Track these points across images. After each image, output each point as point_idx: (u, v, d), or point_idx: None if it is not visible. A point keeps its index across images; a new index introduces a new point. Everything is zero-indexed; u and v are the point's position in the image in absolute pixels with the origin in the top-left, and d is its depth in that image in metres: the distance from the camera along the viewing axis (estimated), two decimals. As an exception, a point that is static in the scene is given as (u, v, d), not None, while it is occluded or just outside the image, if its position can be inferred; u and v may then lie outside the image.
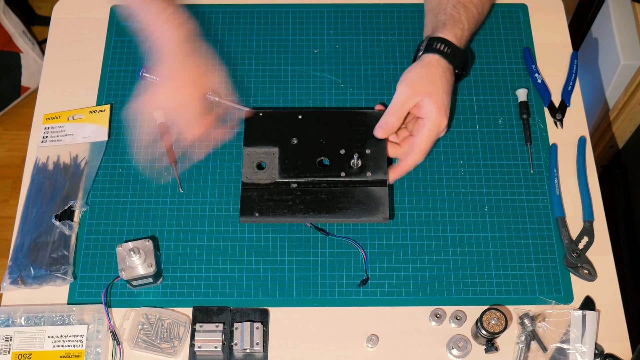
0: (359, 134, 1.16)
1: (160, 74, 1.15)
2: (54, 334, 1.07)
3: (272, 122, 1.18)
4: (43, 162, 1.21)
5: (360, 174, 1.13)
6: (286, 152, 1.15)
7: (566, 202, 1.18)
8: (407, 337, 1.09)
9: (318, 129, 1.17)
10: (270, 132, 1.17)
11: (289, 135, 1.17)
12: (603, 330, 1.09)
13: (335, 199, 1.12)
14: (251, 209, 1.11)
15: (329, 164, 1.15)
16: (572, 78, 1.29)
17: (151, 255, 1.09)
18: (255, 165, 1.15)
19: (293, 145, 1.16)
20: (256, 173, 1.14)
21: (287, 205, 1.12)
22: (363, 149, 1.15)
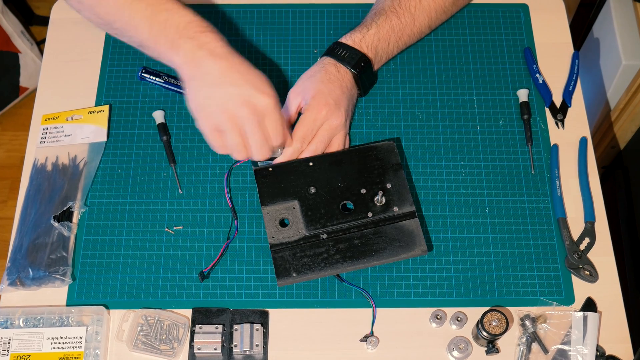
0: (374, 169, 1.14)
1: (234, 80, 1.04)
2: (53, 336, 1.07)
3: (284, 175, 1.14)
4: (42, 162, 1.21)
5: (387, 210, 1.11)
6: (307, 203, 1.12)
7: (567, 203, 1.18)
8: (408, 338, 1.09)
9: (333, 173, 1.14)
10: (285, 185, 1.13)
11: (305, 185, 1.13)
12: (604, 332, 1.09)
13: (369, 242, 1.10)
14: (287, 270, 1.08)
15: (353, 207, 1.12)
16: (573, 78, 1.29)
17: None
18: (279, 223, 1.11)
19: (311, 194, 1.13)
20: (281, 231, 1.10)
21: (322, 258, 1.09)
22: (383, 183, 1.13)
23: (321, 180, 1.14)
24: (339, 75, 1.18)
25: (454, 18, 1.35)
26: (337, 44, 1.20)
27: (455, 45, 1.33)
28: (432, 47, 1.32)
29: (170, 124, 1.24)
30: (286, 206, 1.12)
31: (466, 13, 1.35)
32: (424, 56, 1.31)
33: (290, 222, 1.11)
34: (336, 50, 1.19)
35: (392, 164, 1.15)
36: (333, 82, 1.16)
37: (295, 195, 1.13)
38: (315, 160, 1.15)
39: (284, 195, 1.13)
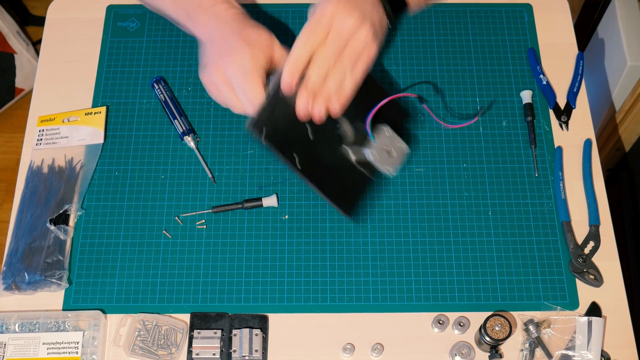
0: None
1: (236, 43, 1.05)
2: (49, 341, 1.07)
3: None
4: (37, 165, 1.21)
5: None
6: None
7: (572, 206, 1.19)
8: (409, 344, 1.09)
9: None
10: None
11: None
12: (609, 337, 1.09)
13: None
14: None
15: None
16: (577, 79, 1.29)
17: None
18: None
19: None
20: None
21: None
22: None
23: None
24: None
25: (456, 18, 1.35)
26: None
27: (458, 45, 1.33)
28: (434, 48, 1.33)
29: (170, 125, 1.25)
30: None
31: (469, 13, 1.36)
32: (425, 57, 1.32)
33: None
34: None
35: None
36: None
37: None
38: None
39: None
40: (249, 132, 1.06)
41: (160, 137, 1.24)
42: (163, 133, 1.25)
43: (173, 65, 1.31)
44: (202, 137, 1.24)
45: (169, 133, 1.25)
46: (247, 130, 1.01)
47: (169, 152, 1.23)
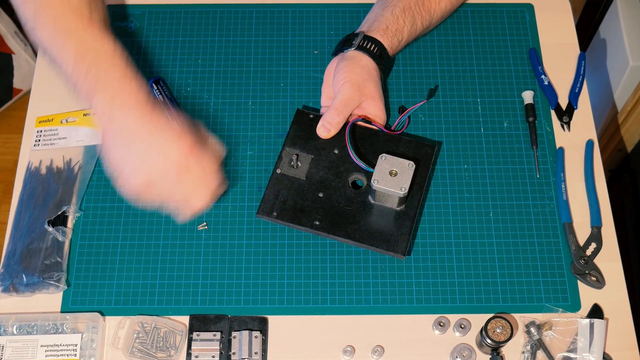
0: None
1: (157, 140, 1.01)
2: (47, 343, 1.07)
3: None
4: (36, 166, 1.21)
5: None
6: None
7: (573, 208, 1.19)
8: (410, 346, 1.09)
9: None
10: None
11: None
12: (611, 339, 1.09)
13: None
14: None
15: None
16: (579, 80, 1.29)
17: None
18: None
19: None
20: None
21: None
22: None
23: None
24: (381, 75, 1.22)
25: (457, 18, 1.35)
26: (376, 41, 1.21)
27: (459, 46, 1.33)
28: (435, 48, 1.33)
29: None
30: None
31: (470, 13, 1.36)
32: (426, 57, 1.32)
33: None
34: (372, 47, 1.20)
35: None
36: (380, 86, 1.22)
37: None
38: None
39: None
40: (260, 219, 1.15)
41: (159, 138, 1.24)
42: (162, 134, 1.25)
43: (172, 66, 1.31)
44: (201, 138, 1.24)
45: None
46: (258, 217, 1.14)
47: (168, 153, 1.23)
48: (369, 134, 1.19)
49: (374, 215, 1.13)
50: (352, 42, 1.21)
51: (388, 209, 1.13)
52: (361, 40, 1.20)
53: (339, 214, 1.13)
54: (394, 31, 1.22)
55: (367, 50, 1.20)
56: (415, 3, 1.24)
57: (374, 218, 1.13)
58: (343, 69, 1.19)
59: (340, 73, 1.18)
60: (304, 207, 1.14)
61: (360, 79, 1.17)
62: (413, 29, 1.25)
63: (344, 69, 1.18)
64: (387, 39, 1.21)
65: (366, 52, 1.19)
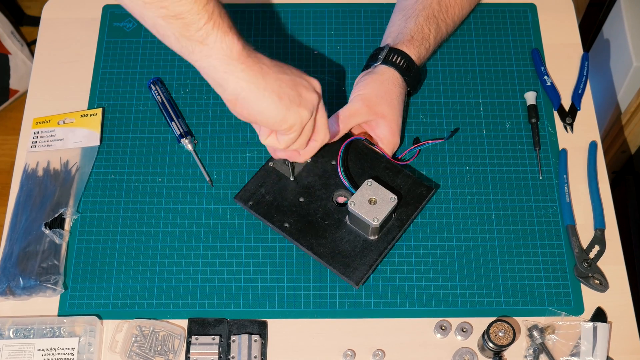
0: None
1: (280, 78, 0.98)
2: (44, 347, 1.07)
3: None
4: (32, 168, 1.22)
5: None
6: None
7: (576, 210, 1.19)
8: (411, 350, 1.09)
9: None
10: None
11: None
12: (615, 343, 1.09)
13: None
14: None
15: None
16: (582, 80, 1.29)
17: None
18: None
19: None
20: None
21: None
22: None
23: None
24: (403, 91, 1.21)
25: (459, 18, 1.35)
26: (400, 52, 1.19)
27: (461, 46, 1.33)
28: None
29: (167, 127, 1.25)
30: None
31: (472, 13, 1.36)
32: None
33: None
34: (397, 59, 1.19)
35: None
36: (400, 103, 1.20)
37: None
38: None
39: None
40: (236, 203, 1.16)
41: (157, 139, 1.25)
42: (160, 135, 1.25)
43: (170, 67, 1.31)
44: (199, 139, 1.24)
45: (166, 135, 1.25)
46: (234, 201, 1.16)
47: (166, 155, 1.23)
48: (373, 156, 1.18)
49: (344, 236, 1.13)
50: (378, 57, 1.20)
51: (360, 235, 1.13)
52: (387, 53, 1.19)
53: (311, 224, 1.13)
54: (420, 40, 1.22)
55: (393, 63, 1.18)
56: (438, 11, 1.24)
57: (343, 239, 1.12)
58: (361, 82, 1.18)
59: (358, 86, 1.18)
60: (281, 206, 1.14)
61: (374, 96, 1.16)
62: (439, 36, 1.25)
63: (362, 82, 1.18)
64: (414, 49, 1.20)
65: (392, 66, 1.18)
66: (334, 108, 1.26)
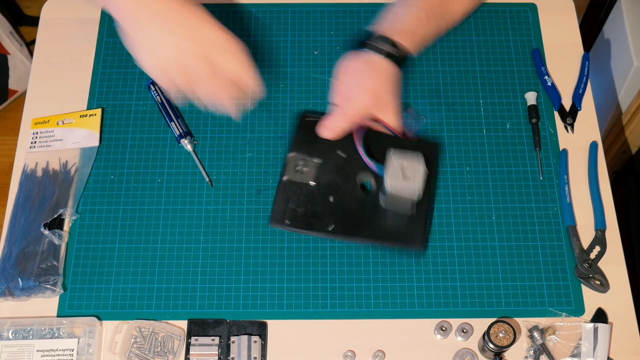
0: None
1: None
2: (43, 348, 1.07)
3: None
4: (31, 168, 1.22)
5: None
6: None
7: (577, 210, 1.19)
8: (411, 351, 1.09)
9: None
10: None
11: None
12: (615, 344, 1.09)
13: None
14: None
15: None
16: (583, 80, 1.29)
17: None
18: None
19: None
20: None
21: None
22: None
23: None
24: (399, 80, 1.21)
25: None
26: (399, 45, 1.19)
27: (461, 46, 1.33)
28: (437, 48, 1.33)
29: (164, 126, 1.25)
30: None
31: (472, 13, 1.36)
32: (427, 57, 1.32)
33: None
34: (395, 50, 1.19)
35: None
36: (398, 93, 1.21)
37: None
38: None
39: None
40: (272, 228, 1.15)
41: (156, 139, 1.25)
42: (159, 136, 1.25)
43: (170, 67, 1.31)
44: (199, 140, 1.24)
45: (166, 136, 1.25)
46: (271, 227, 1.15)
47: (165, 155, 1.23)
48: (373, 135, 1.18)
49: (387, 214, 1.13)
50: (374, 44, 1.19)
51: (401, 207, 1.13)
52: (382, 42, 1.19)
53: (352, 216, 1.13)
54: (418, 34, 1.21)
55: (394, 56, 1.18)
56: (438, 4, 1.24)
57: (388, 217, 1.13)
58: (363, 73, 1.17)
59: (360, 78, 1.17)
60: (316, 212, 1.13)
61: (380, 89, 1.16)
62: (436, 29, 1.25)
63: (363, 74, 1.17)
64: (411, 41, 1.20)
65: (387, 56, 1.18)
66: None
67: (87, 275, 1.14)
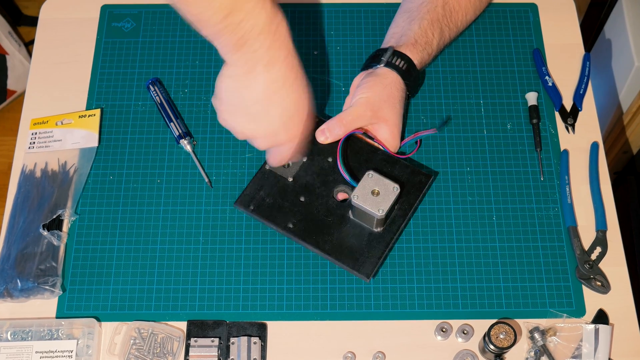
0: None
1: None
2: (42, 349, 1.07)
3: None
4: (30, 169, 1.22)
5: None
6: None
7: (578, 211, 1.19)
8: (412, 352, 1.09)
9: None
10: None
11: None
12: (617, 345, 1.09)
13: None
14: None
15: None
16: (584, 81, 1.29)
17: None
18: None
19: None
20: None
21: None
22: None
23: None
24: (404, 95, 1.21)
25: (460, 18, 1.35)
26: (403, 56, 1.19)
27: (461, 46, 1.33)
28: (437, 49, 1.33)
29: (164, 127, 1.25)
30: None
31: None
32: (428, 58, 1.32)
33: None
34: (400, 62, 1.19)
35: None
36: (401, 107, 1.20)
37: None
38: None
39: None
40: (236, 209, 1.16)
41: (155, 140, 1.25)
42: (159, 136, 1.25)
43: (169, 67, 1.31)
44: (198, 140, 1.24)
45: (165, 136, 1.25)
46: (234, 207, 1.16)
47: (164, 156, 1.23)
48: (368, 150, 1.18)
49: (349, 231, 1.12)
50: (381, 58, 1.19)
51: (365, 228, 1.12)
52: (390, 56, 1.19)
53: (315, 221, 1.13)
54: (423, 45, 1.22)
55: (395, 66, 1.18)
56: (442, 15, 1.24)
57: (349, 234, 1.12)
58: (365, 84, 1.17)
59: (361, 89, 1.17)
60: (282, 207, 1.14)
61: (378, 100, 1.16)
62: (442, 41, 1.25)
63: (366, 85, 1.17)
64: (417, 54, 1.20)
65: (394, 69, 1.18)
66: (333, 109, 1.27)
67: (86, 276, 1.14)
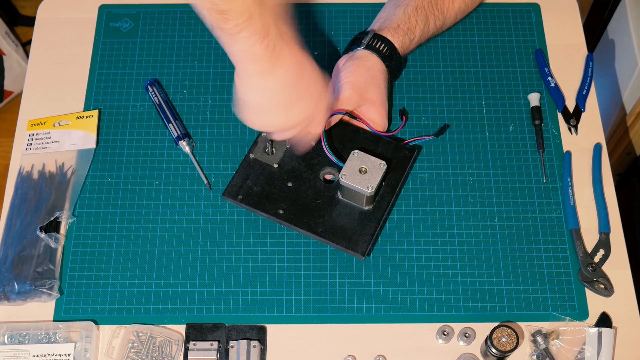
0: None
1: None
2: (39, 353, 1.07)
3: None
4: (27, 170, 1.22)
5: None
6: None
7: (581, 213, 1.19)
8: (413, 355, 1.09)
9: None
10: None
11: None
12: (620, 349, 1.09)
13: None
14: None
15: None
16: (587, 81, 1.29)
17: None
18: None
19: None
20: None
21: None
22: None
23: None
24: (387, 77, 1.23)
25: (462, 18, 1.35)
26: (385, 40, 1.21)
27: (463, 46, 1.34)
28: (439, 49, 1.33)
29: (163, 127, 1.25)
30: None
31: (474, 13, 1.36)
32: (429, 58, 1.32)
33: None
34: (381, 46, 1.21)
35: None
36: (386, 88, 1.22)
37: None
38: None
39: None
40: (225, 200, 1.17)
41: (154, 141, 1.25)
42: (157, 137, 1.25)
43: (168, 67, 1.31)
44: (197, 141, 1.25)
45: (164, 137, 1.25)
46: (223, 198, 1.17)
47: (163, 157, 1.23)
48: (350, 131, 1.19)
49: (340, 211, 1.14)
50: (362, 41, 1.21)
51: (355, 207, 1.14)
52: (371, 39, 1.21)
53: (305, 205, 1.14)
54: (406, 30, 1.23)
55: (376, 49, 1.20)
56: (428, 2, 1.25)
57: (340, 214, 1.13)
58: (348, 68, 1.19)
59: (344, 72, 1.18)
60: (271, 194, 1.15)
61: (362, 82, 1.17)
62: (425, 28, 1.25)
63: (349, 68, 1.19)
64: (398, 38, 1.22)
65: (375, 52, 1.20)
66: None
67: (84, 279, 1.14)
